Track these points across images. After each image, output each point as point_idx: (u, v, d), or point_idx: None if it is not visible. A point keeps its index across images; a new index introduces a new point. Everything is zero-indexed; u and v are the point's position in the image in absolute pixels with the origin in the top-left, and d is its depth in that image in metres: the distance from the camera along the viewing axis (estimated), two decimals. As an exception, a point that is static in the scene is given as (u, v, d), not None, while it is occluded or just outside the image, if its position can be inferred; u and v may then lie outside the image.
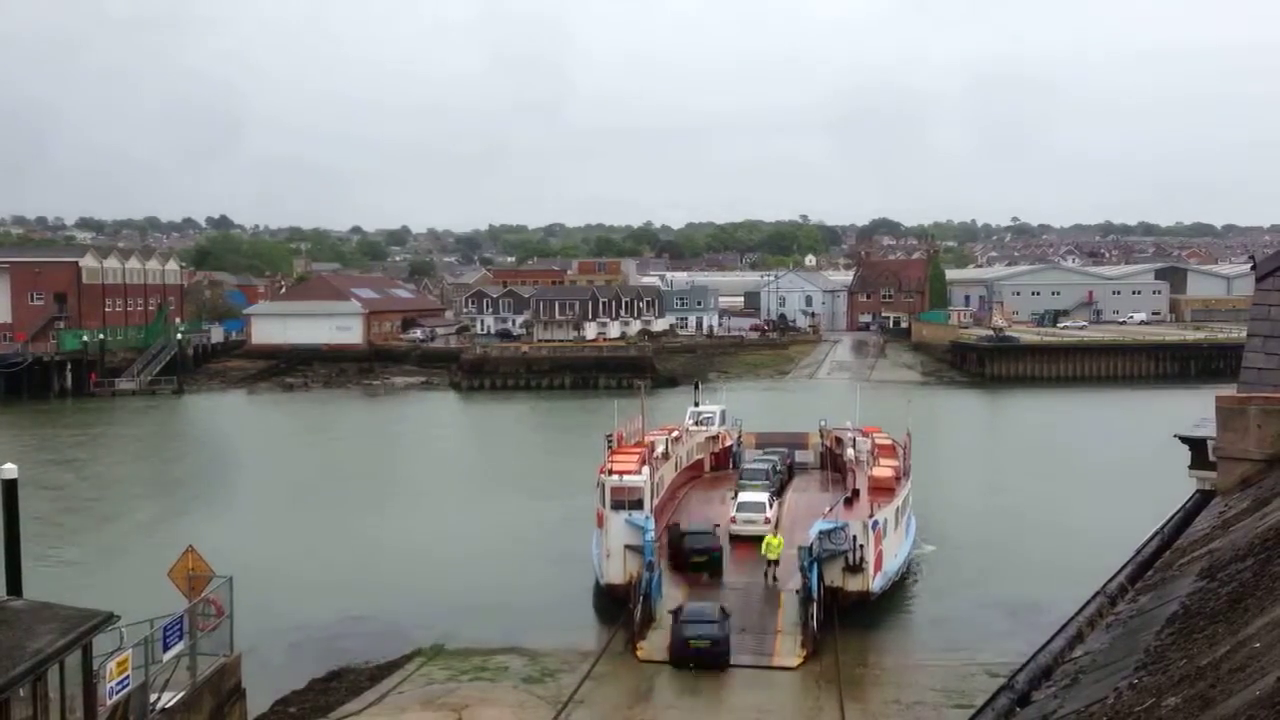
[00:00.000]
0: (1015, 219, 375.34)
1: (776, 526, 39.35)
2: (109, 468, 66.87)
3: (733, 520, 39.66)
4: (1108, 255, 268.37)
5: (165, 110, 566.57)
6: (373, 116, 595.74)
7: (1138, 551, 9.85)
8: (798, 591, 32.34)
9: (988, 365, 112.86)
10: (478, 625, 33.84)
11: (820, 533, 33.33)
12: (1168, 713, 4.79)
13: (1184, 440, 11.78)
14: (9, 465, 22.44)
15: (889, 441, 46.88)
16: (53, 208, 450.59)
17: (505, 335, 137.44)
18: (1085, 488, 55.15)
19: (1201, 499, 10.84)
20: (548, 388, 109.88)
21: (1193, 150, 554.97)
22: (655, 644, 30.73)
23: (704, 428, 53.82)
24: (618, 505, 36.23)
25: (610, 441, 42.94)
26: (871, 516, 35.32)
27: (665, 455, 44.69)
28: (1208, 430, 11.03)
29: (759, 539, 37.39)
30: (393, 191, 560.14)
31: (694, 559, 37.08)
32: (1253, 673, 4.63)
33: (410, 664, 30.18)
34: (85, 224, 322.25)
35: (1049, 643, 7.58)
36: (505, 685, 28.17)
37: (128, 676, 18.83)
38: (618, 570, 35.12)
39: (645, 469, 38.72)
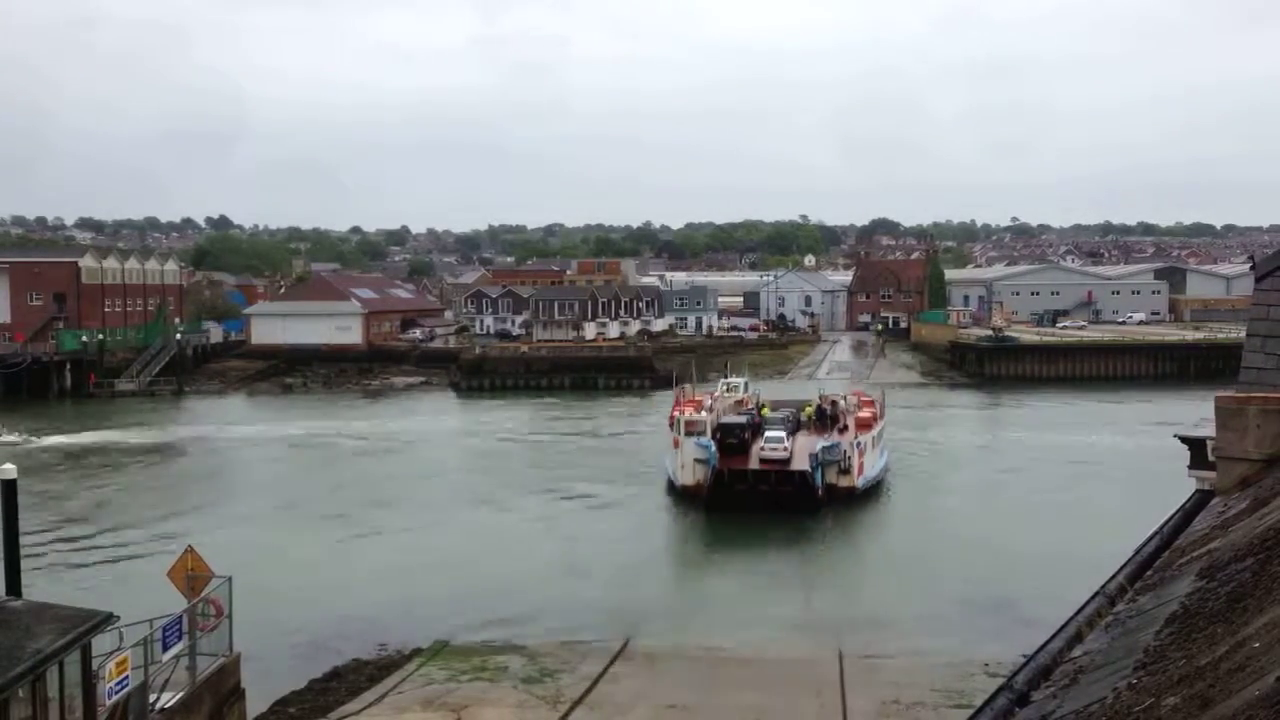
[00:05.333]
0: (1015, 219, 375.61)
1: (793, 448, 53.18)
2: (108, 468, 66.85)
3: (761, 448, 52.54)
4: (1107, 255, 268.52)
5: (165, 110, 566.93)
6: (373, 116, 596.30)
7: (1137, 551, 9.85)
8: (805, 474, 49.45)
9: (987, 365, 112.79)
10: (478, 625, 33.86)
11: (823, 448, 51.22)
12: (1167, 713, 4.79)
13: (1183, 440, 11.78)
14: (8, 466, 22.42)
15: (870, 398, 63.83)
16: (52, 208, 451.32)
17: (504, 335, 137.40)
18: (1085, 487, 55.19)
19: (1201, 499, 10.84)
20: (547, 388, 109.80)
21: (1193, 150, 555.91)
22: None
23: (733, 393, 67.66)
24: (690, 433, 53.19)
25: (679, 397, 61.09)
26: (856, 440, 52.95)
27: (710, 409, 58.77)
28: (1207, 430, 11.03)
29: (780, 460, 51.38)
30: (392, 191, 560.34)
31: (727, 440, 53.12)
32: (1252, 673, 4.64)
33: (410, 664, 30.17)
34: (85, 224, 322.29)
35: (1048, 643, 7.58)
36: (505, 685, 28.16)
37: (127, 677, 18.81)
38: (689, 476, 52.07)
39: (704, 411, 56.72)
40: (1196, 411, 12.31)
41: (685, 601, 37.39)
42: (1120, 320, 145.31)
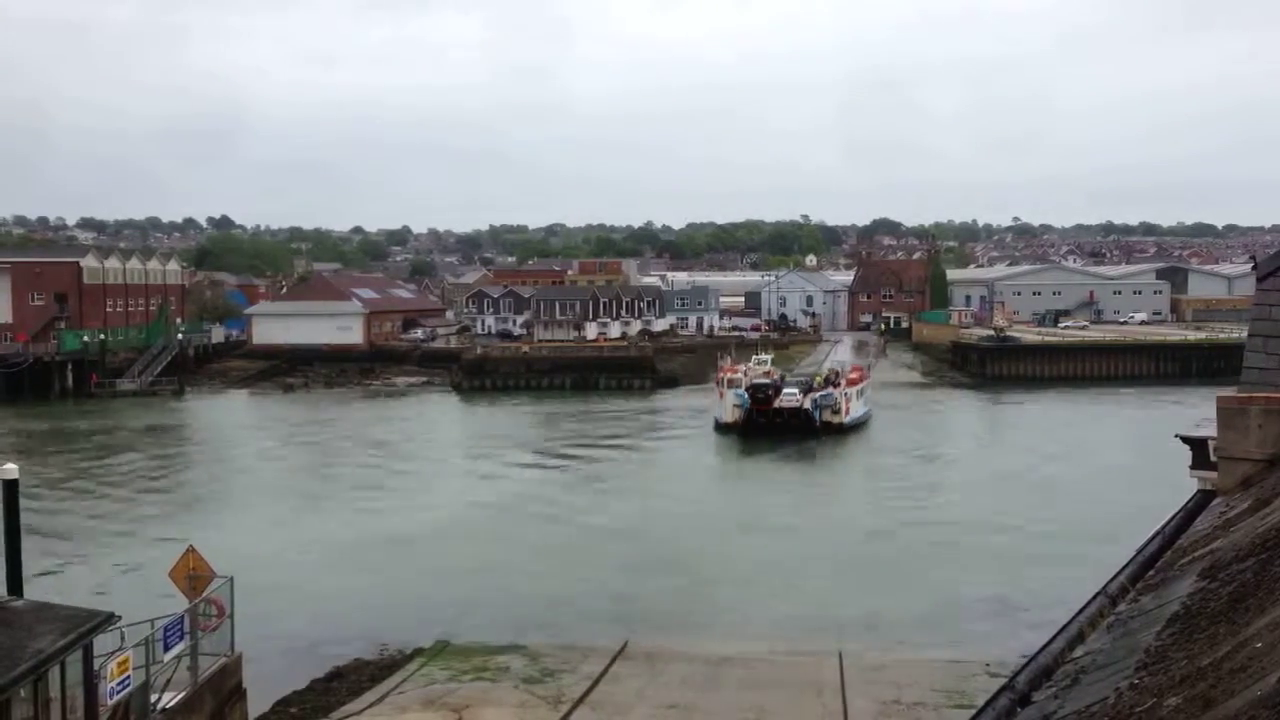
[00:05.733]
0: (1016, 219, 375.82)
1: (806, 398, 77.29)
2: (110, 468, 66.87)
3: (781, 399, 76.28)
4: (1109, 255, 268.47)
5: (167, 111, 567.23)
6: (373, 116, 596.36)
7: (1139, 551, 9.85)
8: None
9: (988, 365, 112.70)
10: (479, 625, 33.85)
11: (820, 395, 77.01)
12: (1168, 713, 4.79)
13: (1185, 440, 11.78)
14: (10, 465, 22.40)
15: (861, 368, 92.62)
16: (54, 208, 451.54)
17: (506, 335, 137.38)
18: (1086, 487, 55.14)
19: (1202, 499, 10.84)
20: (548, 388, 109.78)
21: (1193, 150, 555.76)
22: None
23: (761, 366, 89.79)
24: (731, 386, 78.51)
25: (721, 365, 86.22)
26: (845, 391, 78.76)
27: (746, 373, 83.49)
28: (1209, 430, 11.03)
29: (796, 409, 75.15)
30: (393, 191, 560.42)
31: (757, 395, 76.65)
32: (1253, 673, 4.63)
33: (411, 664, 30.16)
34: (87, 224, 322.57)
35: (1050, 643, 7.57)
36: (506, 685, 28.14)
37: (129, 677, 18.81)
38: (730, 416, 77.01)
39: (741, 373, 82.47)
40: (1197, 411, 12.30)
41: (693, 582, 37.42)
42: (1122, 320, 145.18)
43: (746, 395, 76.40)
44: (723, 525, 49.02)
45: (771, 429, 73.83)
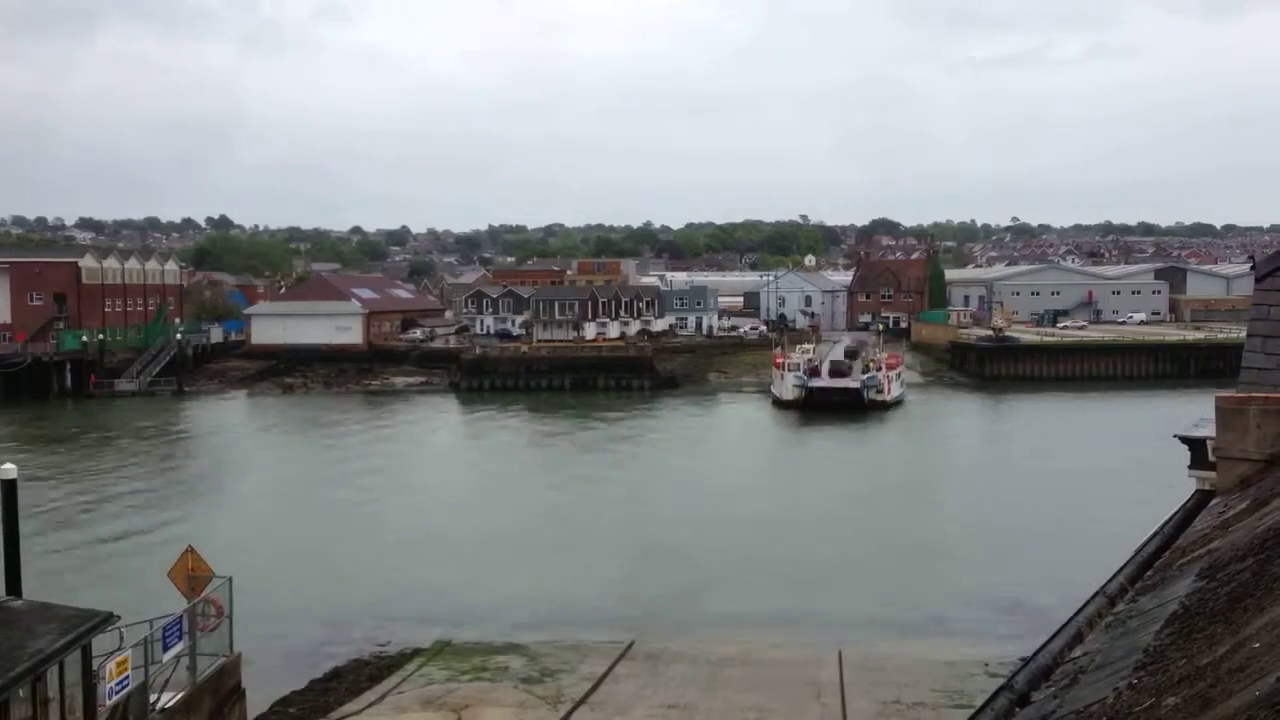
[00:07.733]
0: (1015, 219, 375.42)
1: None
2: (108, 468, 66.85)
3: (826, 378, 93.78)
4: (1108, 255, 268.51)
5: (165, 110, 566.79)
6: (372, 116, 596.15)
7: (1137, 551, 9.85)
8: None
9: (987, 365, 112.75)
10: (478, 625, 33.86)
11: (866, 378, 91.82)
12: (1167, 713, 4.79)
13: (1183, 440, 11.78)
14: (9, 465, 22.37)
15: (897, 356, 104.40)
16: (53, 208, 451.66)
17: (505, 335, 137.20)
18: (1085, 488, 55.16)
19: (1201, 499, 10.85)
20: (547, 388, 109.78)
21: (1192, 150, 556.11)
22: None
23: (805, 355, 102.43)
24: (790, 369, 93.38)
25: (776, 353, 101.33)
26: (885, 374, 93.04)
27: (796, 361, 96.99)
28: (1207, 430, 11.03)
29: (848, 389, 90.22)
30: (392, 191, 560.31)
31: (813, 376, 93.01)
32: (1252, 673, 4.64)
33: (410, 664, 30.18)
34: (85, 224, 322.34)
35: (1048, 643, 7.58)
36: (505, 685, 28.15)
37: (127, 677, 18.81)
38: (790, 394, 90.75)
39: (795, 358, 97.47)
40: (1196, 411, 12.28)
41: (701, 583, 37.43)
42: (1121, 320, 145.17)
43: (806, 376, 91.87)
44: (727, 525, 49.05)
45: (826, 405, 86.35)
